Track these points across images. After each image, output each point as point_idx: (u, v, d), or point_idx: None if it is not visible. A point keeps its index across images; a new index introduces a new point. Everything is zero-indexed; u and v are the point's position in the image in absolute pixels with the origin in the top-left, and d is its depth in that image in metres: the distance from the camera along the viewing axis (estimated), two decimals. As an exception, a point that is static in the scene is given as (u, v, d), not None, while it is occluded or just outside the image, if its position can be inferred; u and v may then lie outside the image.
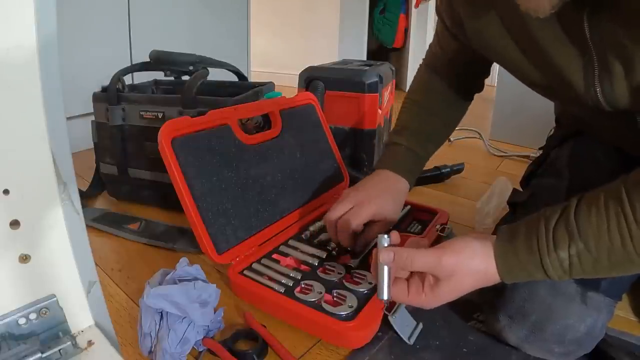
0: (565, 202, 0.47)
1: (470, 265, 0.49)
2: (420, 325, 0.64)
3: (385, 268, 0.52)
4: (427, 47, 0.84)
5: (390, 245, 0.53)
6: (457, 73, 0.78)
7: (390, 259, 0.51)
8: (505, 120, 1.68)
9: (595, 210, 0.44)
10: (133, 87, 1.16)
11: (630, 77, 0.47)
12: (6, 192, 0.36)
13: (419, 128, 0.78)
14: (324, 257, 0.75)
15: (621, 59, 0.46)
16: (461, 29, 0.64)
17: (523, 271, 0.47)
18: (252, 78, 2.04)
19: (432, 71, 0.81)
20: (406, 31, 2.90)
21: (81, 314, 0.43)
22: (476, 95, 0.84)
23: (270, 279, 0.69)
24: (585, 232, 0.44)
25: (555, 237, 0.45)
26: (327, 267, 0.72)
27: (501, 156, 1.54)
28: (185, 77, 1.03)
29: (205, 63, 1.07)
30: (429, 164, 1.26)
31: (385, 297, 0.52)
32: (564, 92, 0.55)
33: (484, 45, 0.63)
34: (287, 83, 2.25)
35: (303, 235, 0.82)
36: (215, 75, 1.09)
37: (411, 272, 0.54)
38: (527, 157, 1.49)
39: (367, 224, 0.71)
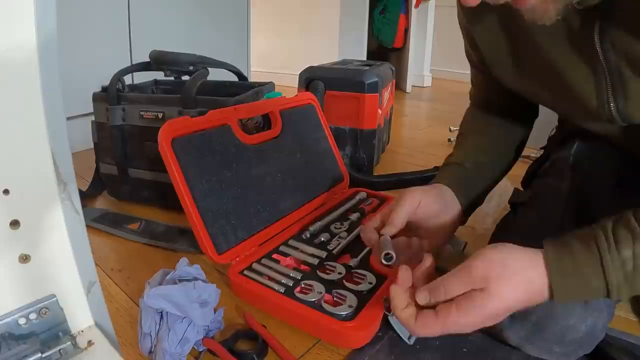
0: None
1: (506, 263, 0.42)
2: (421, 326, 0.64)
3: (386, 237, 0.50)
4: (427, 47, 0.84)
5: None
6: (494, 101, 0.74)
7: (427, 298, 0.46)
8: (505, 120, 1.67)
9: None
10: (133, 87, 1.16)
11: None
12: (6, 192, 0.36)
13: (469, 145, 0.73)
14: (324, 257, 0.75)
15: (636, 73, 0.46)
16: (479, 54, 0.64)
17: (578, 275, 0.41)
18: (252, 78, 2.04)
19: (474, 107, 0.78)
20: (406, 31, 2.90)
21: (81, 314, 0.43)
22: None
23: (270, 279, 0.69)
24: None
25: (617, 236, 0.41)
26: (327, 267, 0.72)
27: (501, 156, 1.54)
28: (185, 77, 1.03)
29: (205, 63, 1.06)
30: (429, 164, 1.26)
31: (391, 251, 0.47)
32: (577, 110, 0.55)
33: (496, 70, 0.62)
34: (287, 83, 2.24)
35: (303, 235, 0.82)
36: (215, 75, 1.09)
37: None
38: (528, 157, 1.49)
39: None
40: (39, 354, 0.38)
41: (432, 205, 0.62)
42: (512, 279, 0.42)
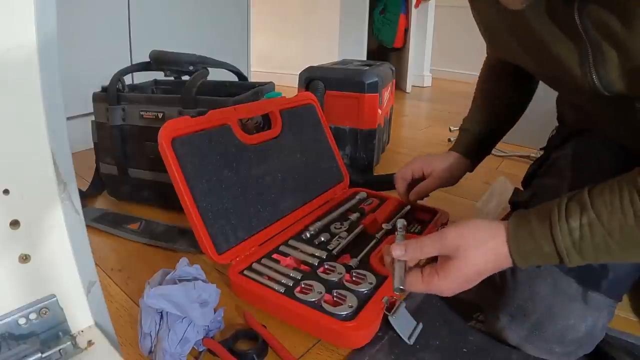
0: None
1: (475, 235, 0.49)
2: (420, 325, 0.64)
3: (401, 262, 0.54)
4: (427, 47, 0.89)
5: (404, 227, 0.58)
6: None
7: (402, 252, 0.53)
8: (505, 120, 1.67)
9: (609, 190, 0.45)
10: (133, 87, 1.16)
11: (623, 62, 0.48)
12: (6, 192, 0.36)
13: (476, 110, 0.89)
14: (324, 257, 0.75)
15: (613, 45, 0.48)
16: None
17: (532, 242, 0.47)
18: (252, 78, 2.04)
19: (486, 68, 0.90)
20: (406, 31, 2.89)
21: (81, 314, 0.43)
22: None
23: (270, 279, 0.69)
24: (598, 206, 0.44)
25: (568, 208, 0.46)
26: (327, 267, 0.72)
27: (501, 156, 1.54)
28: (185, 77, 1.03)
29: (205, 63, 1.06)
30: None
31: (402, 286, 0.52)
32: (563, 80, 0.58)
33: (494, 45, 0.67)
34: (287, 83, 2.25)
35: (303, 235, 0.82)
36: (215, 75, 1.09)
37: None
38: (527, 157, 1.49)
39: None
40: (39, 354, 0.38)
41: (428, 158, 0.88)
42: (479, 248, 0.49)
